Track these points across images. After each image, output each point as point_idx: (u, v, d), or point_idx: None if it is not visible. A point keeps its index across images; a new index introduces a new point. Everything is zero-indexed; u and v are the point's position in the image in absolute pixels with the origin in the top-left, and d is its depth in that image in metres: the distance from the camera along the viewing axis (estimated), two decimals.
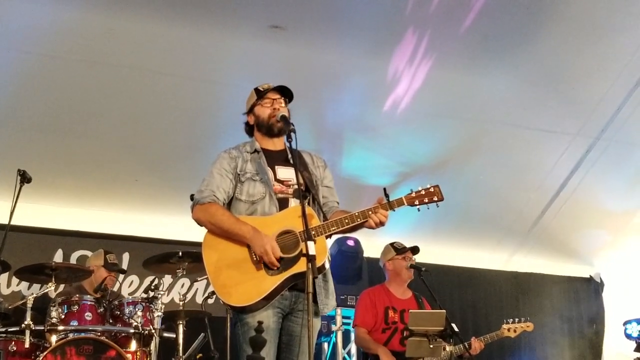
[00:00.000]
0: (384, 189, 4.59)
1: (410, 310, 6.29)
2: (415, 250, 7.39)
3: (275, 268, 4.37)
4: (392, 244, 7.48)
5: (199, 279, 7.73)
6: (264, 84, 4.84)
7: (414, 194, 4.66)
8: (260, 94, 4.79)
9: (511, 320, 7.31)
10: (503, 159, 9.35)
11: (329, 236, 4.55)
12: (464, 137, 9.00)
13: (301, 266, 4.28)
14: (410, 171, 9.14)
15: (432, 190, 4.69)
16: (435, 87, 8.30)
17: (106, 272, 7.41)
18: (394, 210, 4.57)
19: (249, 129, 4.90)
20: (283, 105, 4.76)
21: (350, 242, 8.76)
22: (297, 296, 4.52)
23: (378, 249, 7.57)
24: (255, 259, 4.40)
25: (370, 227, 4.57)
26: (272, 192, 4.59)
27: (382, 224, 4.53)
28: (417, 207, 4.68)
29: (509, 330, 7.27)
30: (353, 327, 7.42)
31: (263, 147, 4.78)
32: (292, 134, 4.38)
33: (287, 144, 4.51)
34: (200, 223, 4.59)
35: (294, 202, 4.61)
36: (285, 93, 4.82)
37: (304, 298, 4.43)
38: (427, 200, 4.67)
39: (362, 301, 7.33)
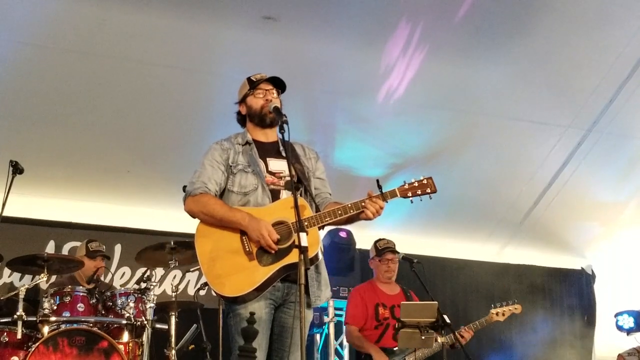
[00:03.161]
0: (377, 180, 4.59)
1: (402, 302, 6.30)
2: (394, 252, 7.37)
3: (273, 251, 4.36)
4: (376, 242, 7.45)
5: (191, 270, 7.73)
6: (257, 74, 4.82)
7: (407, 186, 4.65)
8: (252, 84, 4.77)
9: (499, 304, 7.28)
10: (495, 151, 9.37)
11: (322, 227, 4.55)
12: (456, 129, 9.00)
13: (293, 257, 4.29)
14: (403, 162, 9.15)
15: (425, 182, 4.68)
16: (428, 78, 8.31)
17: (89, 260, 7.39)
18: (387, 202, 4.57)
19: (241, 119, 4.89)
20: (275, 96, 4.75)
21: (343, 234, 8.77)
22: (289, 287, 4.52)
23: (371, 240, 7.58)
24: (247, 249, 4.39)
25: (368, 218, 4.54)
26: (264, 184, 4.58)
27: (378, 213, 4.51)
28: (410, 199, 4.67)
29: (497, 314, 7.22)
30: (345, 325, 7.40)
31: (255, 138, 4.76)
32: (285, 125, 4.36)
33: (280, 136, 4.50)
34: (192, 214, 4.58)
35: (285, 194, 4.61)
36: (278, 84, 4.80)
37: (296, 289, 4.44)
38: (420, 192, 4.66)
39: (352, 299, 7.34)
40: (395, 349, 6.97)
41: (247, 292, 4.36)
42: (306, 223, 4.29)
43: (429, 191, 4.67)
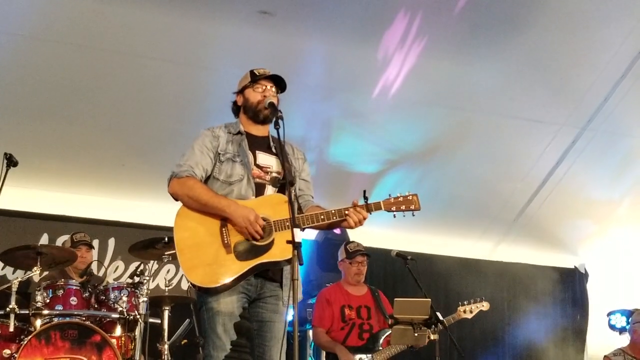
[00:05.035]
0: (364, 192, 4.61)
1: (395, 299, 6.30)
2: (364, 255, 7.40)
3: (260, 237, 4.34)
4: (346, 244, 7.47)
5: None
6: (260, 68, 4.82)
7: (392, 200, 4.67)
8: (254, 77, 4.77)
9: (466, 302, 7.30)
10: (490, 148, 9.37)
11: (303, 230, 4.54)
12: (451, 126, 9.00)
13: (272, 255, 4.35)
14: (398, 159, 9.14)
15: (410, 198, 4.70)
16: (424, 75, 8.30)
17: (75, 250, 7.34)
18: (370, 213, 4.59)
19: (236, 109, 4.89)
20: (274, 94, 4.75)
21: (337, 230, 8.76)
22: (262, 283, 4.51)
23: (364, 236, 7.57)
24: (226, 241, 4.37)
25: (349, 227, 4.58)
26: (250, 176, 4.58)
27: (361, 222, 4.54)
28: (394, 213, 4.70)
29: (464, 311, 7.24)
30: (312, 327, 7.47)
31: (246, 130, 4.76)
32: (280, 121, 4.36)
33: (275, 132, 4.49)
34: (176, 196, 4.54)
35: (270, 189, 4.62)
36: (279, 83, 4.80)
37: (270, 284, 4.51)
38: (404, 208, 4.68)
39: (319, 302, 7.37)
40: (360, 346, 7.03)
41: (221, 285, 4.33)
42: (288, 224, 4.30)
43: (413, 208, 4.71)
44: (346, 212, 4.50)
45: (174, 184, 4.55)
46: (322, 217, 4.49)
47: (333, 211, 4.51)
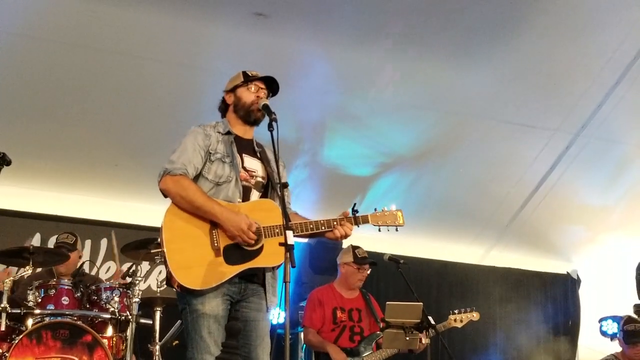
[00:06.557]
0: (354, 204, 4.65)
1: (388, 302, 6.31)
2: (372, 264, 7.44)
3: (253, 241, 4.34)
4: (354, 249, 7.45)
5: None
6: (253, 70, 4.82)
7: (378, 214, 4.75)
8: (247, 77, 4.76)
9: (457, 310, 7.32)
10: (484, 153, 9.38)
11: (296, 234, 4.55)
12: (445, 130, 9.01)
13: (260, 261, 4.37)
14: (392, 162, 9.14)
15: (395, 213, 4.78)
16: (418, 78, 8.31)
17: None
18: (358, 226, 4.63)
19: (225, 108, 4.87)
20: (266, 96, 4.74)
21: None
22: (246, 284, 4.51)
23: (357, 239, 7.56)
24: (215, 244, 4.35)
25: (334, 239, 4.62)
26: (238, 177, 4.57)
27: (346, 236, 4.58)
28: (379, 227, 4.77)
29: (455, 320, 7.26)
30: (302, 327, 7.46)
31: (233, 131, 4.76)
32: (274, 123, 4.35)
33: (259, 135, 4.50)
34: (167, 193, 4.51)
35: (255, 194, 4.64)
36: (271, 86, 4.79)
37: (252, 285, 4.51)
38: (389, 223, 4.78)
39: (310, 302, 7.36)
40: (351, 348, 7.02)
41: (208, 288, 4.32)
42: (277, 230, 4.32)
43: (397, 224, 4.80)
44: (334, 223, 4.54)
45: (168, 180, 4.52)
46: (312, 226, 4.53)
47: (322, 221, 4.55)
